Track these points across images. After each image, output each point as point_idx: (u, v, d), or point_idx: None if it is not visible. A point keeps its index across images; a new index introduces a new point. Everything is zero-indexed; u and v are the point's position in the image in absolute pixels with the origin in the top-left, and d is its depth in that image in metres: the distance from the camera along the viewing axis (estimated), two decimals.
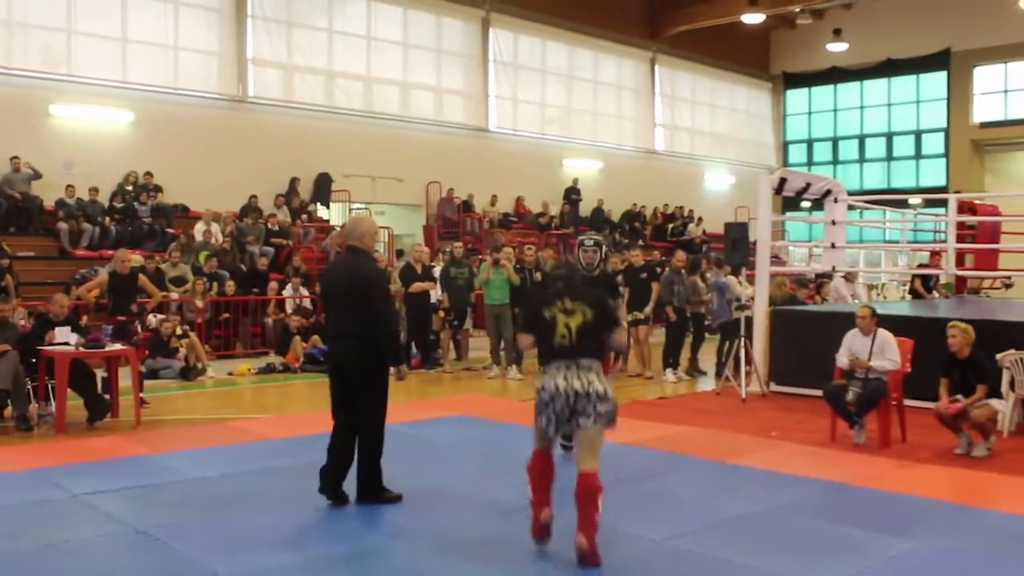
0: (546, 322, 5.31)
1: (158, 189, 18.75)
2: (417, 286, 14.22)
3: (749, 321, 11.91)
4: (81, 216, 17.22)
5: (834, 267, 14.01)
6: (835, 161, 34.43)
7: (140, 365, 10.87)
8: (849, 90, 34.16)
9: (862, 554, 5.49)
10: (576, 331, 5.25)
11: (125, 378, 10.29)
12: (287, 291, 16.75)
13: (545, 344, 5.34)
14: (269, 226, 18.91)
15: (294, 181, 20.70)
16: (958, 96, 31.51)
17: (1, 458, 7.99)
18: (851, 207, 16.09)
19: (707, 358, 13.86)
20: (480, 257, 16.73)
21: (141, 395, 10.17)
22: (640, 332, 13.55)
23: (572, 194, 26.32)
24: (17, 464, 7.77)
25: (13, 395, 9.41)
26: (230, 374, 13.68)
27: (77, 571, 5.20)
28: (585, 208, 26.48)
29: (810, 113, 35.30)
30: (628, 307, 13.42)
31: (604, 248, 6.59)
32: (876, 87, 33.50)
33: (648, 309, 13.44)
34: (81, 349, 9.58)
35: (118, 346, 10.15)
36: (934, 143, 32.38)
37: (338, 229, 19.53)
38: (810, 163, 34.41)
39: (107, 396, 9.96)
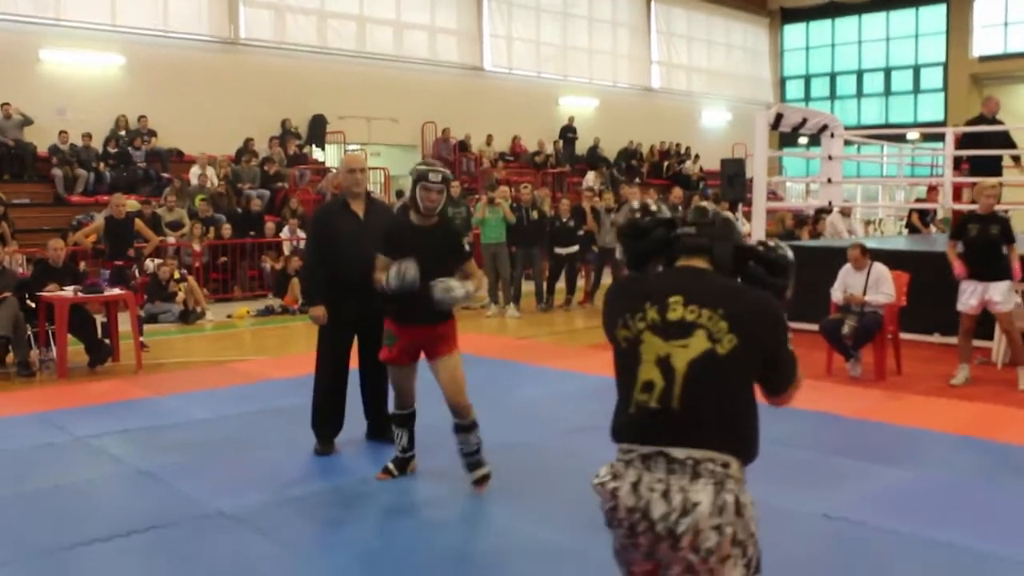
0: (618, 348, 2.68)
1: (152, 134, 18.66)
2: None
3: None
4: (75, 162, 17.15)
5: (830, 202, 13.99)
6: (832, 96, 34.20)
7: (139, 310, 10.89)
8: (847, 25, 33.81)
9: (856, 484, 5.57)
10: (685, 377, 2.48)
11: (124, 323, 10.33)
12: (284, 233, 16.74)
13: (619, 396, 2.68)
14: (265, 169, 18.84)
15: (285, 123, 20.57)
16: (957, 29, 31.19)
17: (4, 403, 8.06)
18: (848, 142, 16.01)
19: None
20: (476, 197, 16.69)
21: (141, 339, 10.21)
22: None
23: (568, 132, 26.19)
24: (20, 408, 7.83)
25: (14, 341, 9.45)
26: (229, 317, 13.74)
27: (84, 510, 5.27)
28: (581, 146, 26.37)
29: (807, 49, 34.97)
30: None
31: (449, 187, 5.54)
32: (874, 21, 33.15)
33: None
34: (80, 294, 9.60)
35: (117, 291, 10.17)
36: (932, 77, 32.12)
37: (333, 172, 19.45)
38: (807, 99, 34.18)
39: (107, 341, 10.00)
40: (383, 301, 5.38)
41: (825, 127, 13.46)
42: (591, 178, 23.56)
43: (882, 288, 8.61)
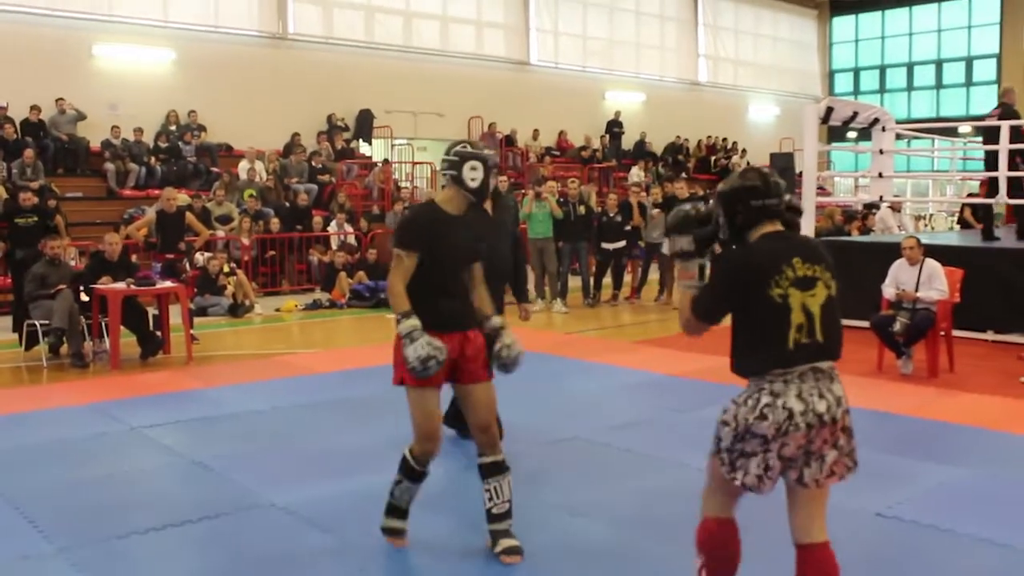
0: (774, 305, 3.19)
1: (202, 128, 18.86)
2: None
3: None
4: (127, 156, 17.39)
5: (881, 197, 13.83)
6: (882, 90, 33.78)
7: (189, 302, 11.03)
8: (898, 16, 33.38)
9: (909, 482, 5.50)
10: (820, 317, 3.24)
11: (175, 315, 10.46)
12: (331, 227, 16.85)
13: (764, 339, 3.24)
14: (312, 163, 18.98)
15: (331, 117, 20.70)
16: (1012, 20, 30.64)
17: (60, 393, 8.20)
18: (899, 136, 15.82)
19: None
20: (523, 191, 16.69)
21: (191, 331, 10.34)
22: None
23: (614, 127, 26.11)
24: (75, 399, 7.96)
25: (68, 333, 9.60)
26: (277, 310, 13.86)
27: (138, 499, 5.35)
28: (628, 141, 26.28)
29: (857, 41, 34.57)
30: None
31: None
32: (926, 13, 32.69)
33: None
34: (133, 287, 9.74)
35: (168, 284, 10.31)
36: (986, 70, 31.59)
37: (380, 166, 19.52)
38: (856, 92, 33.77)
39: (159, 333, 10.14)
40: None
41: (876, 121, 13.33)
42: (637, 173, 23.47)
43: (935, 284, 8.50)
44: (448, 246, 4.32)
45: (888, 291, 8.76)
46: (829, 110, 12.76)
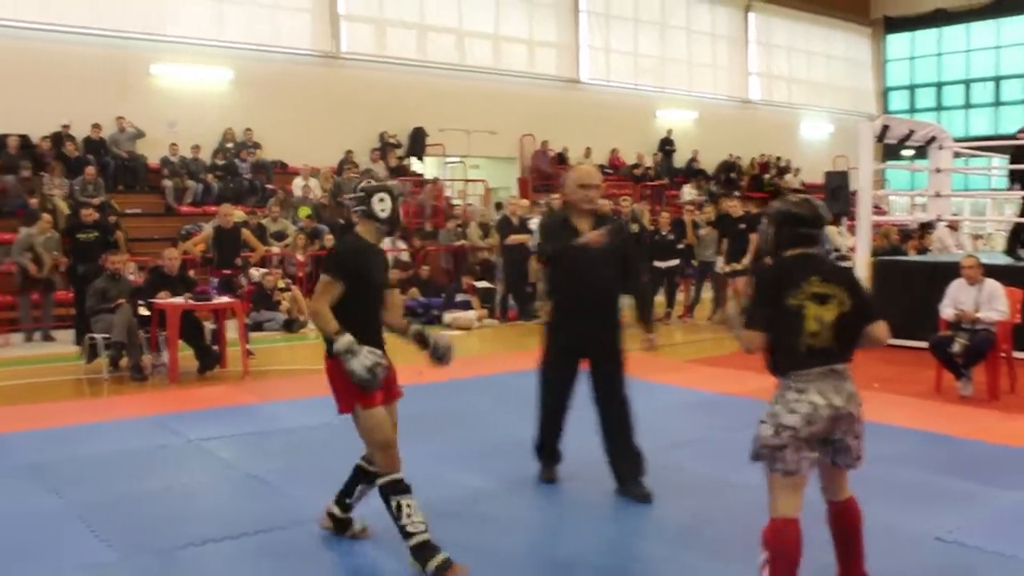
0: (790, 313, 3.80)
1: (257, 146, 19.12)
2: (514, 238, 14.31)
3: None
4: (185, 173, 17.67)
5: (939, 216, 13.66)
6: (939, 107, 33.32)
7: (245, 317, 11.17)
8: (954, 33, 32.91)
9: (969, 506, 5.42)
10: (833, 326, 3.82)
11: (231, 330, 10.59)
12: (385, 244, 16.93)
13: (783, 342, 3.85)
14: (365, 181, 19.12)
15: (383, 135, 20.88)
16: None
17: (119, 406, 8.34)
18: (957, 154, 15.60)
19: None
20: None
21: (248, 346, 10.46)
22: (739, 283, 13.42)
23: (666, 145, 26.05)
24: (134, 411, 8.10)
25: (128, 346, 9.77)
26: None
27: (196, 511, 5.43)
28: (679, 159, 26.20)
29: (912, 58, 34.15)
30: (726, 258, 13.33)
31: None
32: (984, 29, 32.19)
33: (747, 260, 13.29)
34: (191, 302, 9.89)
35: (225, 299, 10.45)
36: None
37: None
38: (912, 110, 33.36)
39: (216, 347, 10.27)
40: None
41: (933, 139, 13.18)
42: (689, 191, 23.37)
43: (995, 304, 8.37)
44: (372, 274, 4.65)
45: (947, 311, 8.64)
46: (885, 128, 12.63)
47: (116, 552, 4.76)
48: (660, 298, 14.35)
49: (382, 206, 4.68)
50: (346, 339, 4.45)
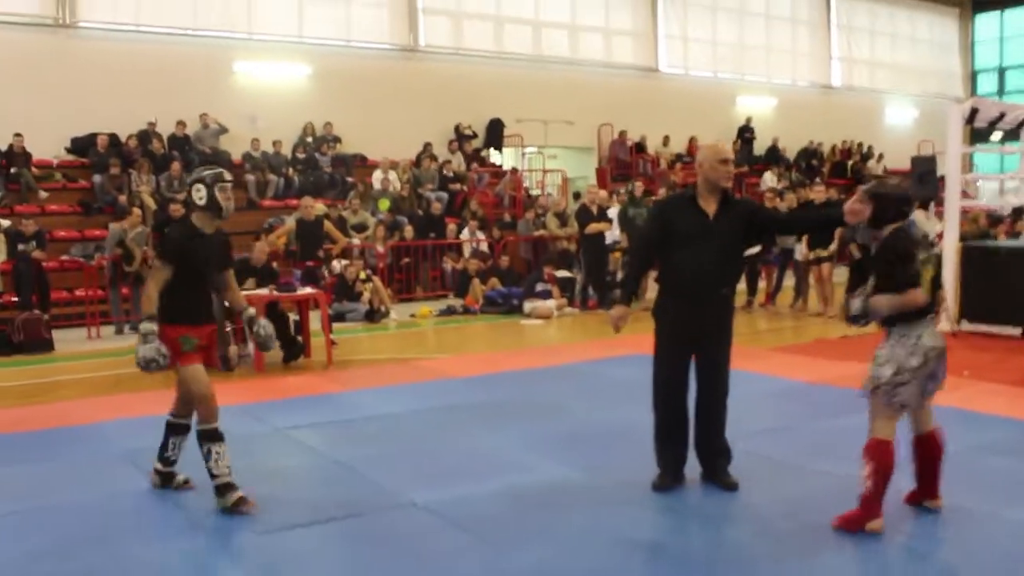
0: (916, 271, 4.59)
1: (337, 139, 19.35)
2: (593, 227, 14.31)
3: (938, 257, 11.43)
4: (266, 168, 17.97)
5: None
6: None
7: (328, 308, 11.32)
8: None
9: None
10: (930, 282, 4.65)
11: (314, 321, 10.75)
12: (464, 235, 17.06)
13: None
14: (444, 172, 19.26)
15: (458, 127, 20.97)
16: None
17: None
18: None
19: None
20: (654, 198, 16.59)
21: (331, 336, 10.60)
22: (823, 270, 13.22)
23: (746, 132, 25.70)
24: (222, 401, 8.08)
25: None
26: (412, 316, 14.11)
27: (284, 497, 5.52)
28: (760, 146, 25.84)
29: (1002, 39, 33.13)
30: (810, 245, 13.13)
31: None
32: None
33: (831, 247, 13.07)
34: (275, 293, 10.06)
35: (309, 290, 10.61)
36: None
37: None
38: (1001, 92, 32.34)
39: (300, 338, 10.44)
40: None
41: None
42: (769, 178, 23.05)
43: None
44: (196, 258, 5.33)
45: None
46: (974, 111, 12.28)
47: (206, 537, 4.87)
48: (742, 286, 14.18)
49: (199, 195, 5.38)
50: (148, 326, 5.19)
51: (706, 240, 5.25)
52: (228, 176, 5.50)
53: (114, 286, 13.15)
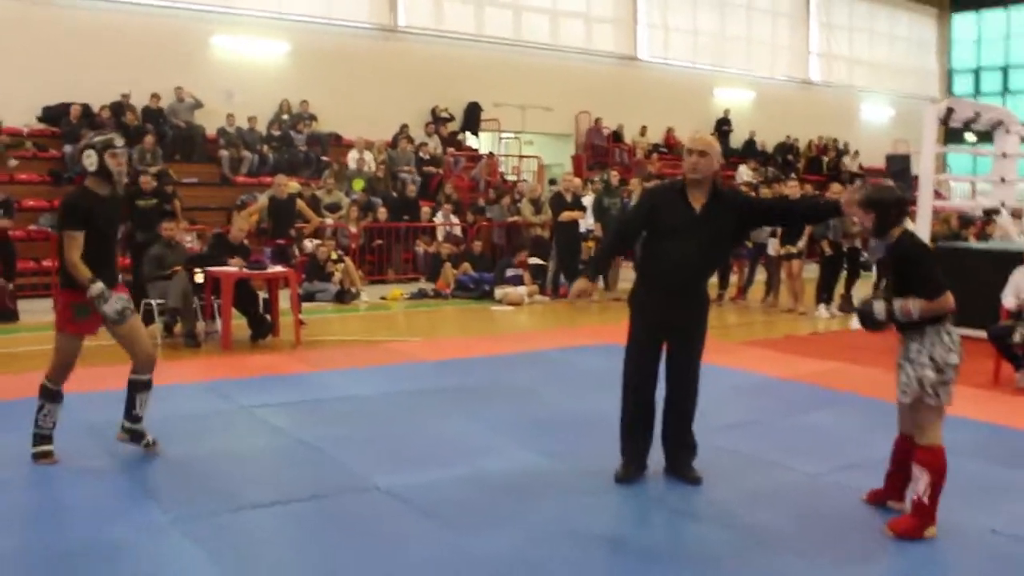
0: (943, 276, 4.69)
1: (313, 118, 19.21)
2: (567, 215, 14.28)
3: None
4: (241, 144, 17.82)
5: (1003, 203, 13.36)
6: (1005, 91, 32.57)
7: (298, 287, 11.25)
8: (1023, 14, 32.08)
9: None
10: None
11: (284, 300, 10.68)
12: (438, 218, 17.00)
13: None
14: (420, 154, 19.17)
15: (435, 110, 20.87)
16: None
17: (173, 372, 8.41)
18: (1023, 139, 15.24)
19: (861, 294, 13.49)
20: (628, 188, 16.59)
21: (300, 316, 10.54)
22: (793, 266, 13.26)
23: (723, 125, 25.77)
24: (188, 377, 8.19)
25: (182, 313, 9.90)
26: (383, 298, 14.04)
27: (248, 476, 5.49)
28: (736, 139, 25.92)
29: (979, 40, 33.36)
30: (781, 241, 13.16)
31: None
32: None
33: (801, 243, 13.11)
34: (245, 270, 9.98)
35: (279, 268, 10.53)
36: None
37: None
38: (977, 93, 32.63)
39: (268, 316, 10.36)
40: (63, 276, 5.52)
41: (1000, 123, 12.88)
42: (744, 172, 23.13)
43: None
44: (97, 221, 5.47)
45: (1008, 300, 8.45)
46: (950, 111, 12.35)
47: (168, 514, 4.82)
48: (713, 279, 14.20)
49: (88, 161, 5.52)
50: (97, 287, 5.35)
51: (691, 233, 5.19)
52: (119, 142, 5.64)
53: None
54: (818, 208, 6.91)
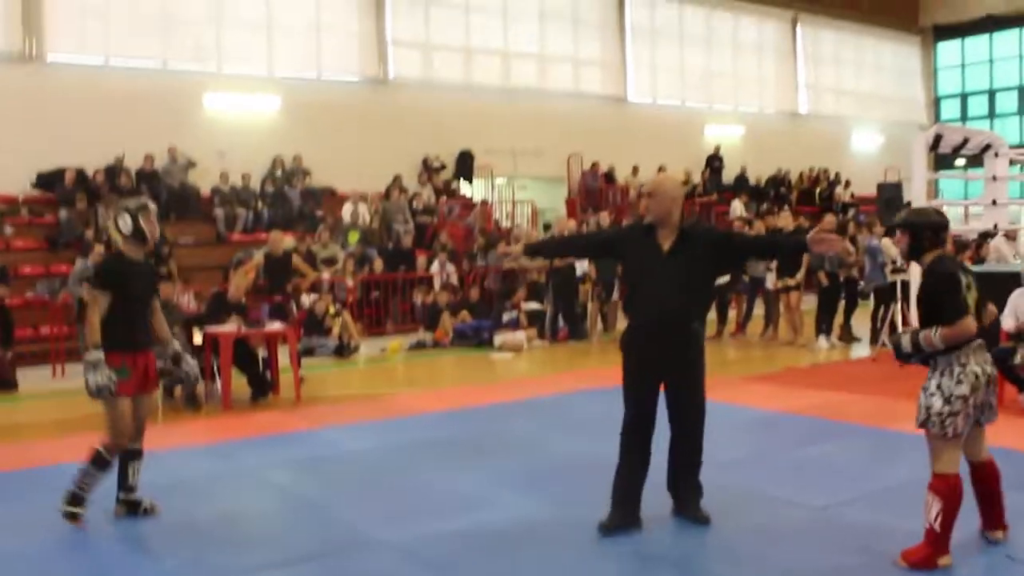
0: (966, 301, 4.58)
1: (306, 172, 19.28)
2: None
3: (905, 284, 11.53)
4: (235, 201, 17.88)
5: (996, 225, 13.40)
6: (992, 115, 32.76)
7: (297, 343, 11.23)
8: (1006, 39, 32.32)
9: None
10: (975, 307, 4.63)
11: (283, 356, 10.65)
12: (434, 268, 17.02)
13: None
14: (414, 204, 19.24)
15: (426, 160, 20.97)
16: None
17: (175, 434, 8.39)
18: (1012, 161, 15.31)
19: (860, 324, 13.50)
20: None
21: (300, 372, 10.51)
22: (791, 298, 13.26)
23: (714, 161, 25.88)
24: (190, 439, 8.16)
25: (173, 374, 9.83)
26: (383, 351, 14.02)
27: (255, 537, 5.46)
28: (728, 175, 26.01)
29: (963, 66, 33.61)
30: (778, 273, 13.18)
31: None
32: None
33: (799, 275, 13.13)
34: (244, 329, 9.96)
35: (277, 325, 10.52)
36: None
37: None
38: (964, 118, 32.79)
39: (268, 374, 10.33)
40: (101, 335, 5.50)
41: (988, 147, 12.96)
42: (739, 206, 23.20)
43: None
44: (129, 286, 5.58)
45: (1007, 322, 8.45)
46: (938, 137, 12.44)
47: None
48: (712, 315, 14.21)
49: (123, 224, 5.65)
50: (96, 355, 5.45)
51: (665, 273, 5.17)
52: (152, 205, 5.82)
53: (80, 323, 12.99)
54: (785, 246, 7.23)
